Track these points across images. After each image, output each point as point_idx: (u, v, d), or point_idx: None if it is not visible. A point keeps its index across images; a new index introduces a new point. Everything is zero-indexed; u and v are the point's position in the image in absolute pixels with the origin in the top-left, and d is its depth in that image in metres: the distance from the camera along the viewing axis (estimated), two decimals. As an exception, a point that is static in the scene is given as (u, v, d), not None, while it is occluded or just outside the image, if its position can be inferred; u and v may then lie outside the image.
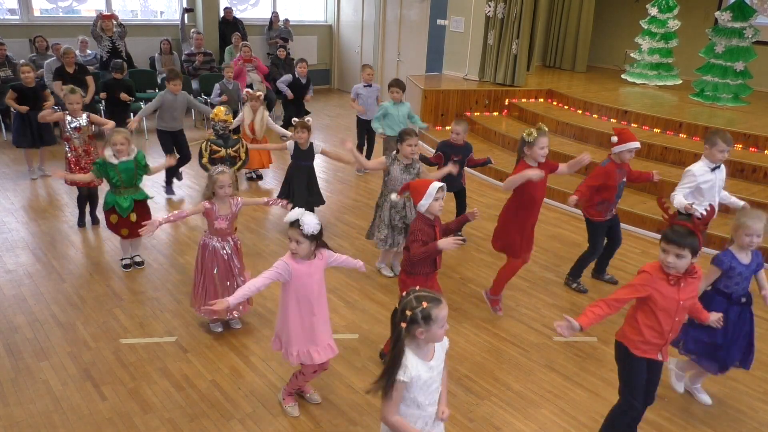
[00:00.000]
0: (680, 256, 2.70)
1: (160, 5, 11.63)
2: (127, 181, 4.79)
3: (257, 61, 10.07)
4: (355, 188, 7.34)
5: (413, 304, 2.28)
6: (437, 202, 3.49)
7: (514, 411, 3.58)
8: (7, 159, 7.81)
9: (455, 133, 5.46)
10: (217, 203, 4.01)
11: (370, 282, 5.02)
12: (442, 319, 2.29)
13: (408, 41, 11.71)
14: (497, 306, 4.61)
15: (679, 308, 2.84)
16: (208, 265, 4.07)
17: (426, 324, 2.27)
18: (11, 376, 3.67)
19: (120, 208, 4.82)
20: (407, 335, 2.31)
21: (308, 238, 3.06)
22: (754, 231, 3.32)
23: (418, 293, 2.32)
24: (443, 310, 2.30)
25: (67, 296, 4.63)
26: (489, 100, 9.48)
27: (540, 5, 10.11)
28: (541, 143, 4.15)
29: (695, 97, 9.07)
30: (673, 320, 2.86)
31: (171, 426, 3.33)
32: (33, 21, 10.13)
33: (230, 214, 4.05)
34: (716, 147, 4.35)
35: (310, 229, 3.03)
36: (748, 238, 3.35)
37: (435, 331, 2.30)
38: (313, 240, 3.10)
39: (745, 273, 3.44)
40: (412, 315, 2.27)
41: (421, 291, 2.35)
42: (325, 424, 3.40)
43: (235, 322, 4.31)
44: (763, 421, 3.60)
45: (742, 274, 3.44)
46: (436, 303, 2.29)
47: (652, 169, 6.84)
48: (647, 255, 5.73)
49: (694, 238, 2.69)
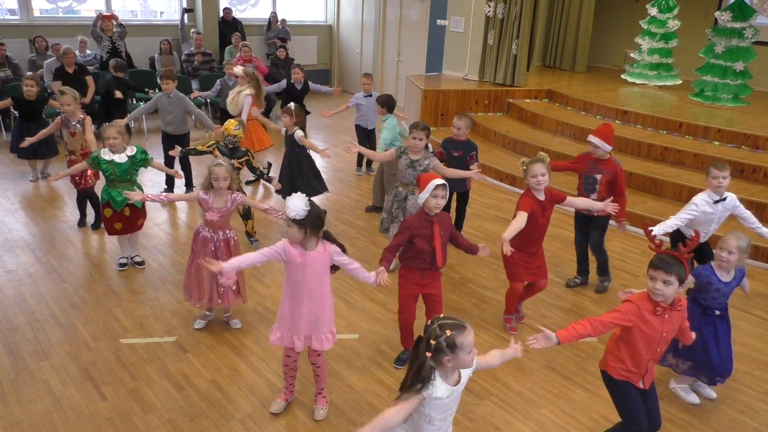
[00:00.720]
0: (668, 282, 2.69)
1: (160, 5, 11.63)
2: (120, 176, 4.78)
3: (257, 61, 10.08)
4: (356, 188, 7.34)
5: (437, 333, 2.25)
6: (435, 199, 3.46)
7: (514, 411, 3.58)
8: (7, 159, 7.80)
9: (456, 128, 5.36)
10: (213, 195, 4.01)
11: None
12: (469, 345, 2.25)
13: (408, 41, 11.71)
14: (508, 325, 4.44)
15: (662, 339, 2.83)
16: (197, 253, 4.08)
17: (452, 352, 2.24)
18: (11, 376, 3.67)
19: (114, 202, 4.81)
20: (435, 363, 2.28)
21: (296, 223, 3.01)
22: (727, 246, 3.37)
23: (442, 321, 2.29)
24: (468, 336, 2.25)
25: (67, 296, 4.63)
26: (489, 100, 9.48)
27: (540, 5, 10.12)
28: (533, 171, 3.94)
29: (695, 97, 9.08)
30: (654, 351, 2.85)
31: (171, 426, 3.33)
32: (33, 21, 10.12)
33: (225, 208, 4.03)
34: (710, 175, 4.30)
35: (292, 213, 2.97)
36: (723, 254, 3.39)
37: (462, 358, 2.26)
38: (302, 226, 3.01)
39: (724, 290, 3.48)
40: (437, 344, 2.23)
41: (445, 318, 2.31)
42: (325, 424, 3.40)
43: (234, 322, 4.31)
44: (763, 421, 3.60)
45: (720, 290, 3.48)
46: (461, 330, 2.25)
47: (652, 169, 6.94)
48: (647, 255, 5.68)
49: (681, 266, 2.69)
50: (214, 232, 4.08)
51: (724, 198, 4.34)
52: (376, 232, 5.76)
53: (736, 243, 3.37)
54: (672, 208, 6.30)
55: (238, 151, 5.24)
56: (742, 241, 3.39)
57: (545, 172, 3.97)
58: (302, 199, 3.00)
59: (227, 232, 4.14)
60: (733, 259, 3.40)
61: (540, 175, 3.95)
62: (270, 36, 11.98)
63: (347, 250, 3.26)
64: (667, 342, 2.87)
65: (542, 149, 7.79)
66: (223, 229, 4.11)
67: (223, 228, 4.11)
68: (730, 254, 3.39)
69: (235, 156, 5.22)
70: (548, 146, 7.81)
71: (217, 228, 4.08)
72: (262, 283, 4.92)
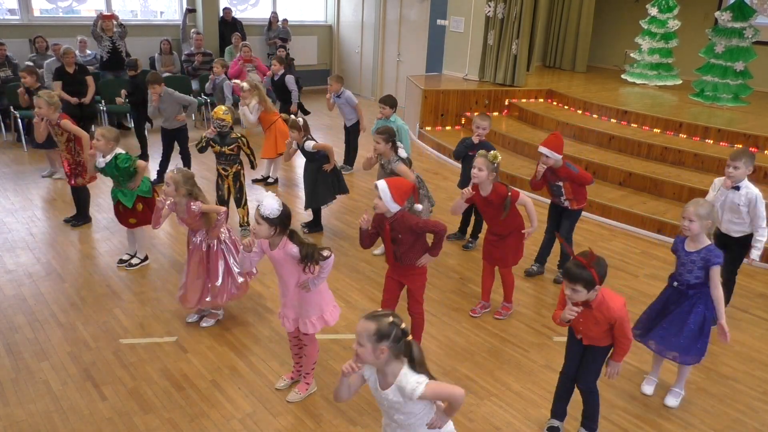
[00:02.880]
0: (575, 290, 2.88)
1: (160, 5, 11.64)
2: (113, 178, 4.89)
3: (257, 61, 10.08)
4: (356, 188, 7.34)
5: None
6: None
7: (514, 411, 3.58)
8: (7, 159, 7.81)
9: (481, 128, 5.32)
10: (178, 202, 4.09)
11: (370, 282, 5.02)
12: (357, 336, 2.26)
13: (408, 41, 11.72)
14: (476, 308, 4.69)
15: (581, 330, 3.11)
16: (189, 252, 4.24)
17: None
18: (11, 376, 3.67)
19: (124, 199, 4.93)
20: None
21: (265, 221, 3.13)
22: (687, 214, 3.39)
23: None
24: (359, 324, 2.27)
25: (67, 296, 4.63)
26: (489, 100, 9.48)
27: (540, 5, 10.12)
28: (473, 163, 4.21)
29: (695, 97, 9.07)
30: (580, 334, 3.13)
31: (171, 426, 3.33)
32: (33, 21, 10.13)
33: (186, 216, 4.08)
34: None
35: (266, 211, 3.11)
36: (684, 222, 3.41)
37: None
38: (272, 224, 3.14)
39: (683, 259, 3.48)
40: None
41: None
42: (325, 424, 3.40)
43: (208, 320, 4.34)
44: (763, 421, 3.60)
45: (680, 260, 3.51)
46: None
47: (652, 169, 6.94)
48: (647, 255, 5.73)
49: (585, 272, 2.83)
50: (196, 233, 4.18)
51: (737, 188, 4.30)
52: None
53: (694, 210, 3.37)
54: (672, 208, 6.30)
55: (228, 138, 5.28)
56: (701, 208, 3.37)
57: (482, 167, 4.10)
58: (276, 199, 3.15)
59: (206, 239, 4.16)
60: (694, 227, 3.37)
61: (477, 169, 4.12)
62: (271, 36, 11.98)
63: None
64: (590, 335, 3.07)
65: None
66: (197, 231, 4.16)
67: (196, 229, 4.16)
68: (691, 222, 3.38)
69: (225, 143, 5.26)
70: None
71: (192, 229, 4.18)
72: (262, 283, 4.93)
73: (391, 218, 3.55)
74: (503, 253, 4.44)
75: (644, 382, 3.83)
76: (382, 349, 2.20)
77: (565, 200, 4.87)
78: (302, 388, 3.60)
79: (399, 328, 2.23)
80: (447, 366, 3.96)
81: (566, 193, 4.83)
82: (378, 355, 2.22)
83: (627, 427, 3.49)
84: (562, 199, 4.88)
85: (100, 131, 4.80)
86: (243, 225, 5.77)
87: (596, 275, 2.83)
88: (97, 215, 6.11)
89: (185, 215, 4.07)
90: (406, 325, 2.28)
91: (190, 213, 4.04)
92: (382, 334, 2.20)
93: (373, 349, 2.21)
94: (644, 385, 3.82)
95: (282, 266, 3.30)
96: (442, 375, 3.85)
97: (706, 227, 3.41)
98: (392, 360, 2.26)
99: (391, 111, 6.42)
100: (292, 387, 3.66)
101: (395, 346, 2.22)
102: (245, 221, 5.75)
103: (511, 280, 4.56)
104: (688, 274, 3.47)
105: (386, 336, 2.20)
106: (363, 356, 2.24)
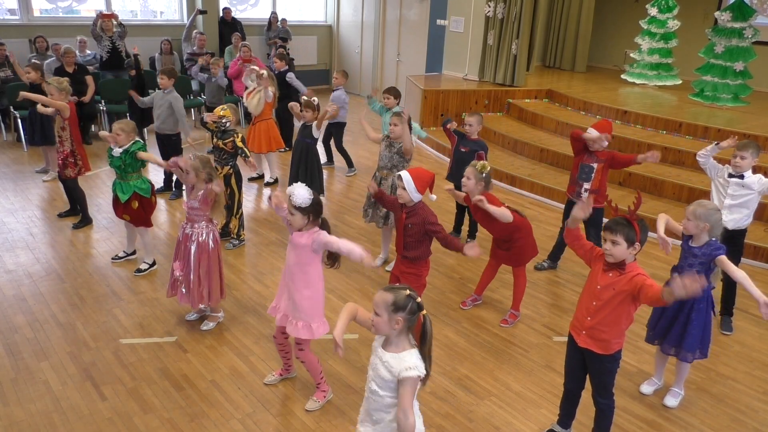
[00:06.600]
0: (615, 242, 2.82)
1: (160, 5, 11.63)
2: (117, 169, 4.88)
3: (257, 61, 10.06)
4: (356, 188, 7.34)
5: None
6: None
7: (514, 411, 3.58)
8: (7, 159, 7.81)
9: (467, 125, 5.43)
10: (193, 188, 4.10)
11: (370, 282, 5.02)
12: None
13: (408, 41, 11.72)
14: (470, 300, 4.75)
15: (595, 291, 2.92)
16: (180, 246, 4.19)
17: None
18: (11, 376, 3.67)
19: (122, 195, 4.90)
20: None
21: (299, 211, 3.16)
22: (686, 212, 3.45)
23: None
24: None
25: (67, 296, 4.63)
26: (489, 100, 9.48)
27: (540, 5, 10.12)
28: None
29: (695, 97, 9.08)
30: (591, 303, 2.95)
31: (171, 426, 3.33)
32: (33, 21, 10.12)
33: (199, 204, 4.04)
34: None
35: (299, 201, 3.14)
36: (684, 220, 3.47)
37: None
38: (305, 213, 3.18)
39: (687, 251, 3.51)
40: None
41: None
42: (325, 424, 3.40)
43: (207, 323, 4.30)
44: (763, 421, 3.60)
45: (684, 251, 3.54)
46: None
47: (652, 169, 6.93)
48: (647, 255, 5.73)
49: (629, 227, 2.80)
50: (192, 225, 4.11)
51: (741, 176, 4.31)
52: (377, 231, 5.77)
53: (693, 209, 3.41)
54: (672, 208, 6.30)
55: (225, 134, 5.30)
56: (700, 208, 3.39)
57: (470, 176, 4.14)
58: (305, 188, 3.18)
59: (196, 235, 4.09)
60: (689, 226, 3.42)
61: (465, 178, 4.19)
62: (270, 36, 11.97)
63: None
64: (601, 300, 2.90)
65: (542, 150, 7.83)
66: (194, 221, 4.10)
67: (201, 217, 4.09)
68: (687, 220, 3.43)
69: (222, 138, 5.28)
70: (548, 146, 7.82)
71: (192, 220, 4.11)
72: (262, 283, 4.93)
73: (410, 207, 3.71)
74: (510, 255, 4.42)
75: (644, 383, 3.83)
76: (398, 319, 2.29)
77: (585, 191, 4.78)
78: (320, 396, 3.55)
79: (415, 302, 2.31)
80: (447, 366, 3.96)
81: (593, 181, 4.76)
82: (393, 326, 2.31)
83: (626, 427, 3.49)
84: (584, 188, 4.78)
85: (119, 125, 4.80)
86: (233, 236, 5.50)
87: (639, 231, 2.80)
88: (97, 215, 6.11)
89: (199, 203, 4.03)
90: (421, 299, 2.36)
91: (205, 199, 4.03)
92: (398, 306, 2.28)
93: (389, 319, 2.29)
94: (644, 385, 3.82)
95: (298, 251, 3.28)
96: (442, 375, 3.85)
97: (703, 230, 3.41)
98: (404, 334, 2.35)
99: (395, 102, 6.53)
100: (279, 384, 3.69)
101: (410, 318, 2.31)
102: (232, 231, 5.51)
103: (523, 283, 4.48)
104: (689, 267, 3.48)
105: (402, 308, 2.29)
106: (379, 326, 2.33)
